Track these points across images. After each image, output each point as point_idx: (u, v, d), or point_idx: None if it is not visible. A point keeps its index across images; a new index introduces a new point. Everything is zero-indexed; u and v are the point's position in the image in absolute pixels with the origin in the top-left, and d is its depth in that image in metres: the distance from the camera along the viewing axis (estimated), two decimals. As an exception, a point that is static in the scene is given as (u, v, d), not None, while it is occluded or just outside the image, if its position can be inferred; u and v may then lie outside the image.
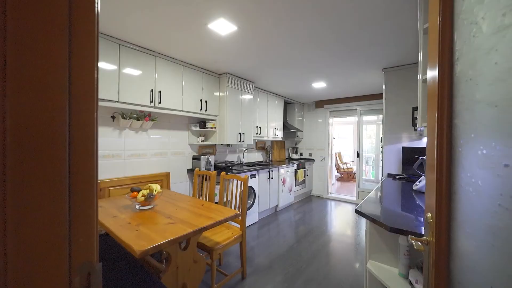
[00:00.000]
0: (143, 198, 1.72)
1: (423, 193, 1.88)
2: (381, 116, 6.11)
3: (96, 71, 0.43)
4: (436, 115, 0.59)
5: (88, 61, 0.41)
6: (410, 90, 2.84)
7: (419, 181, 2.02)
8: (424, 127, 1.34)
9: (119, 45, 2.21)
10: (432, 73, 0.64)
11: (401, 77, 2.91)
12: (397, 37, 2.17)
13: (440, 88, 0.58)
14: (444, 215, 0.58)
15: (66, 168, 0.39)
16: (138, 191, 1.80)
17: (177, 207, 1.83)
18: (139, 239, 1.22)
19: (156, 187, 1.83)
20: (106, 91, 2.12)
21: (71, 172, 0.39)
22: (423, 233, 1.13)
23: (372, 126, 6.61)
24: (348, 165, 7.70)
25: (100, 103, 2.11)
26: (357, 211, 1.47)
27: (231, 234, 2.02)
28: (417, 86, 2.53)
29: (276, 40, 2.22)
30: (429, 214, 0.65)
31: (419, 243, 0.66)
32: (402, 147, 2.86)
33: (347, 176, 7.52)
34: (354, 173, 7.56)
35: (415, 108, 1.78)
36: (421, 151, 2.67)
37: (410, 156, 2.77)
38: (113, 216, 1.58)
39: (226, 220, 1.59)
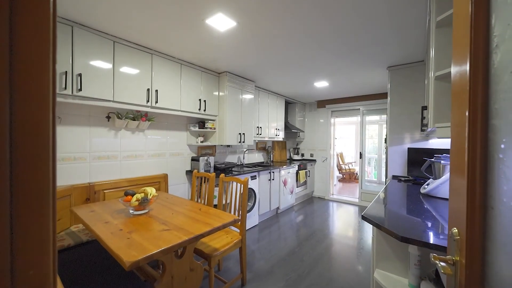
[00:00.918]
0: (137, 203, 1.64)
1: (432, 196, 1.79)
2: (383, 116, 6.01)
3: (52, 59, 0.34)
4: (466, 114, 0.50)
5: (39, 46, 0.32)
6: (416, 89, 2.74)
7: (427, 184, 1.93)
8: (437, 127, 1.24)
9: (114, 42, 2.13)
10: (460, 66, 0.55)
11: (407, 75, 2.81)
12: (403, 34, 2.07)
13: (472, 82, 0.49)
14: (477, 234, 0.48)
15: (6, 181, 0.30)
16: (132, 195, 1.72)
17: (174, 211, 1.74)
18: (130, 248, 1.14)
19: (151, 190, 1.75)
20: (100, 90, 2.04)
21: (15, 187, 0.31)
22: (433, 242, 1.04)
23: (374, 126, 6.51)
24: (350, 165, 7.59)
25: (94, 103, 2.03)
26: (363, 217, 1.37)
27: (230, 240, 1.93)
28: (424, 85, 2.45)
29: (276, 37, 2.13)
30: (455, 230, 0.56)
31: (444, 264, 0.57)
32: (408, 148, 2.77)
33: (348, 177, 7.41)
34: (356, 173, 7.46)
35: (424, 108, 1.69)
36: (427, 152, 2.58)
37: (416, 157, 2.68)
38: (105, 222, 1.49)
39: (224, 227, 1.50)
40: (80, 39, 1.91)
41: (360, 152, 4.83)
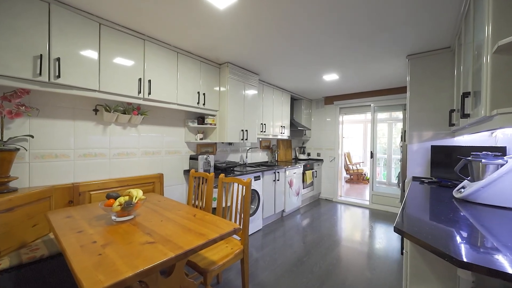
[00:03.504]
0: (119, 208, 1.38)
1: (470, 202, 1.49)
2: (393, 114, 5.70)
3: None
4: None
5: None
6: (440, 80, 2.44)
7: (463, 187, 1.63)
8: (499, 113, 0.96)
9: (100, 24, 1.88)
10: None
11: (430, 65, 2.51)
12: (428, 12, 1.77)
13: None
14: None
15: None
16: (116, 198, 1.46)
17: (163, 218, 1.48)
18: (97, 269, 0.87)
19: (138, 193, 1.49)
20: (83, 78, 1.79)
21: None
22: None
23: (383, 125, 6.18)
24: (357, 166, 7.26)
25: (76, 92, 1.78)
26: (396, 230, 1.09)
27: (230, 250, 1.66)
28: (453, 75, 2.14)
29: (284, 18, 1.85)
30: None
31: None
32: (431, 146, 2.46)
33: (356, 178, 7.08)
34: (365, 174, 7.13)
35: (466, 94, 1.40)
36: (456, 150, 2.27)
37: (441, 157, 2.37)
38: (78, 231, 1.23)
39: (222, 238, 1.23)
40: (59, 19, 1.66)
41: (371, 152, 4.52)
